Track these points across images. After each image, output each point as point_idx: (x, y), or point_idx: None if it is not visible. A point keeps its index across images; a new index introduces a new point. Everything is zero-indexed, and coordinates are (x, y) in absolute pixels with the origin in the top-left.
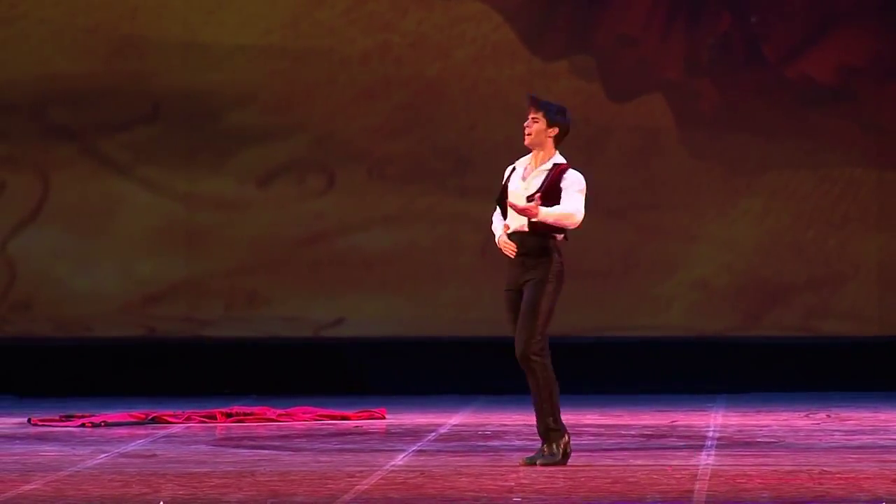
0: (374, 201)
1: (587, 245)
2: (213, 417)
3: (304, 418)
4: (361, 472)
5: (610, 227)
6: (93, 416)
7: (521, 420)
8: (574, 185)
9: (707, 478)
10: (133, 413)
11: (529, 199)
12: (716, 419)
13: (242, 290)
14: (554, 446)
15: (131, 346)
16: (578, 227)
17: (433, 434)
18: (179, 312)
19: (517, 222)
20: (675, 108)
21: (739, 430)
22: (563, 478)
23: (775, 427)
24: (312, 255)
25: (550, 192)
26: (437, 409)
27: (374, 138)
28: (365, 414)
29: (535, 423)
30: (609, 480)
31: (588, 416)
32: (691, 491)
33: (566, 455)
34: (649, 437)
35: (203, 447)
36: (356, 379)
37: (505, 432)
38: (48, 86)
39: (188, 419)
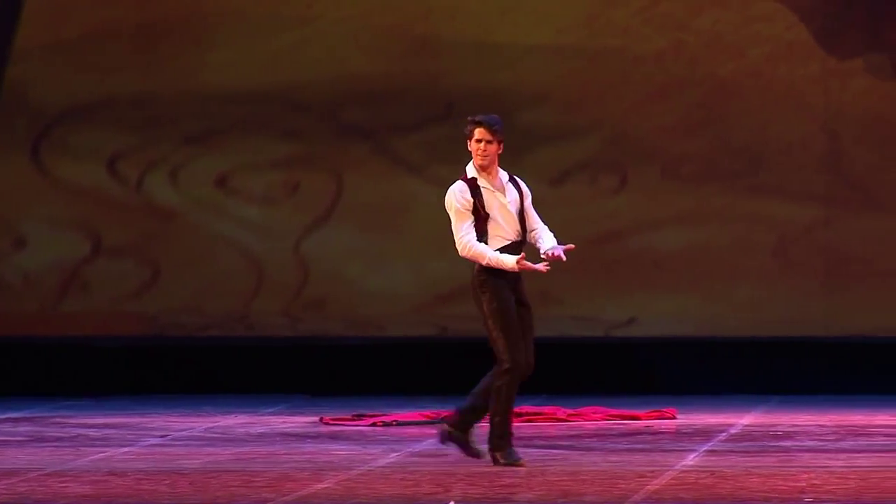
0: (667, 201)
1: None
2: None
3: (594, 418)
4: (652, 472)
5: None
6: (384, 415)
7: (812, 420)
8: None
9: None
10: (424, 412)
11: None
12: None
13: (534, 290)
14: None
15: (423, 345)
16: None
17: (724, 434)
18: (471, 311)
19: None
20: None
21: None
22: (856, 478)
23: None
24: (605, 254)
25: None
26: (728, 409)
27: (667, 138)
28: (655, 414)
29: (824, 422)
30: None
31: (879, 417)
32: None
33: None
34: None
35: None
36: (647, 378)
37: (796, 433)
38: (343, 86)
39: None
